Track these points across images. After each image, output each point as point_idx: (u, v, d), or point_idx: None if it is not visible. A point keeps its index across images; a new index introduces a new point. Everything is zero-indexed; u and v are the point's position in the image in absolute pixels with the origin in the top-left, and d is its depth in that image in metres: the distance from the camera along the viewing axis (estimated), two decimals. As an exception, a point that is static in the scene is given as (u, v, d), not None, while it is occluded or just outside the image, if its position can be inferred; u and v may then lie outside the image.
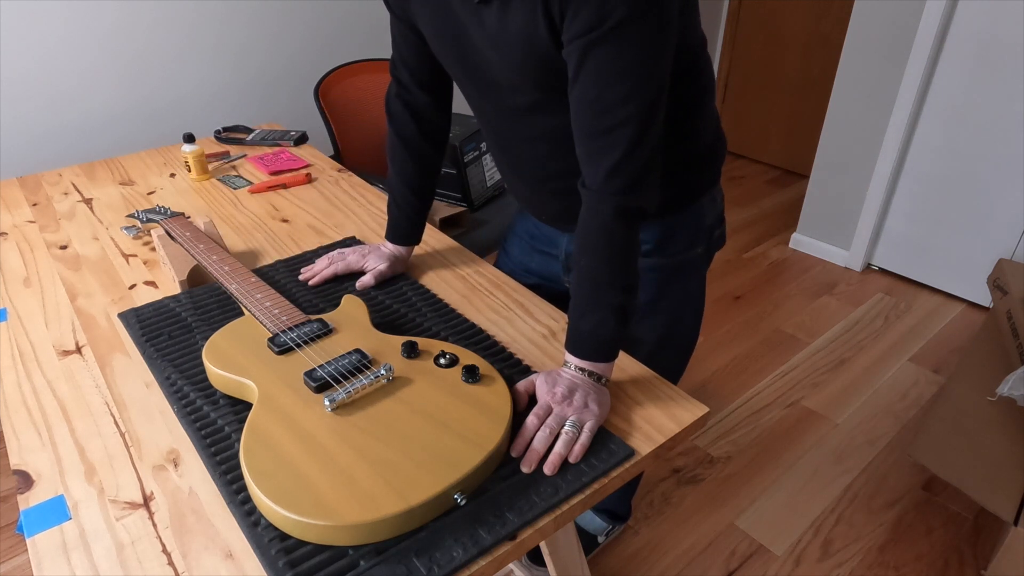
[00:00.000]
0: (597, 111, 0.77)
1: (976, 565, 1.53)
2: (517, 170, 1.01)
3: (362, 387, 0.77)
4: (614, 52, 0.74)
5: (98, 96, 1.94)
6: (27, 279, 1.14)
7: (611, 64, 0.74)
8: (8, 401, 0.87)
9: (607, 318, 0.82)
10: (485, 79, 0.90)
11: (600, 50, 0.74)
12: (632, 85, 0.75)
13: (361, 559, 0.63)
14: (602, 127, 0.78)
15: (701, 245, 1.06)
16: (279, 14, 2.17)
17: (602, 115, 0.77)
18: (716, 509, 1.66)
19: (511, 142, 0.97)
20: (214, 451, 0.76)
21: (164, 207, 1.29)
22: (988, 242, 2.35)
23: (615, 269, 0.82)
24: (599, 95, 0.76)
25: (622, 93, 0.75)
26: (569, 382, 0.81)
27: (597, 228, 0.82)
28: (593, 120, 0.78)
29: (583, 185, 0.83)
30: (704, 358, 2.20)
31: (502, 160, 1.03)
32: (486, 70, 0.88)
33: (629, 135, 0.77)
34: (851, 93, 2.47)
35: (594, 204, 0.81)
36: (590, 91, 0.77)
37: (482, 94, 0.93)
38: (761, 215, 3.14)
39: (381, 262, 1.10)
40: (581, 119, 0.80)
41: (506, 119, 0.94)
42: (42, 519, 0.70)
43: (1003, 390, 1.56)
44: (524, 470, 0.73)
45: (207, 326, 0.97)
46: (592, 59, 0.75)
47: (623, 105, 0.76)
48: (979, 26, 2.13)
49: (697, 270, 1.09)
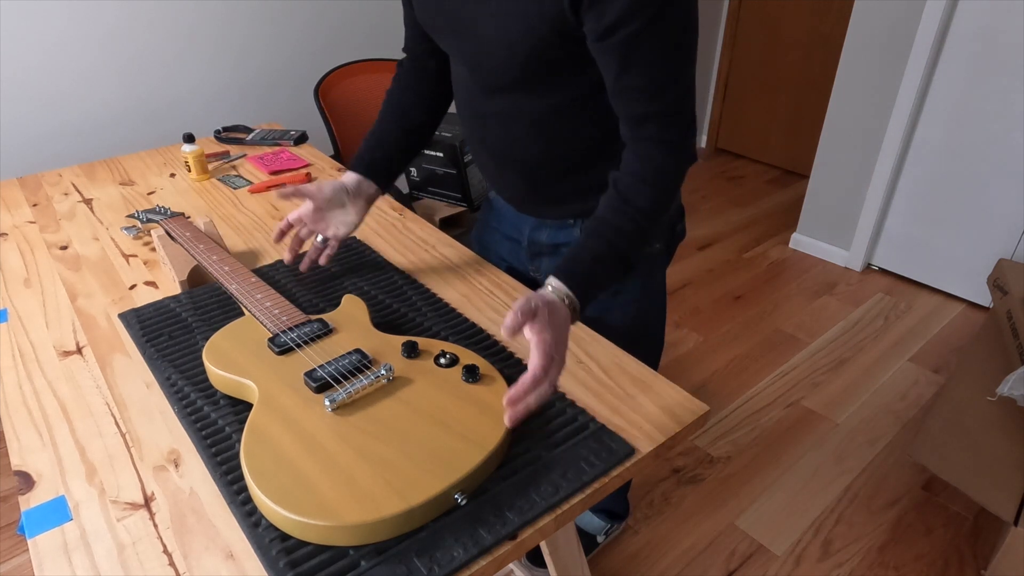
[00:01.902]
0: (646, 96, 0.81)
1: (976, 565, 1.53)
2: (487, 144, 1.01)
3: (362, 387, 0.77)
4: (658, 38, 0.77)
5: (98, 96, 1.94)
6: (27, 279, 1.14)
7: (658, 49, 0.78)
8: (9, 401, 0.87)
9: (619, 272, 0.83)
10: (472, 50, 0.90)
11: (639, 40, 0.76)
12: (675, 68, 0.80)
13: (362, 559, 0.63)
14: (652, 110, 0.82)
15: (660, 241, 1.08)
16: (279, 14, 2.17)
17: (651, 99, 0.81)
18: (716, 509, 1.66)
19: (486, 116, 0.97)
20: (215, 451, 0.76)
21: (164, 207, 1.29)
22: (988, 242, 2.35)
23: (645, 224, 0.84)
24: (647, 82, 0.80)
25: (667, 77, 0.80)
26: (566, 324, 0.77)
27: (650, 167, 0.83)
28: (643, 104, 0.82)
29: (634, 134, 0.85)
30: (704, 358, 2.20)
31: (473, 134, 1.02)
32: (477, 41, 0.88)
33: (679, 112, 0.83)
34: (851, 93, 2.47)
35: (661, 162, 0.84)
36: (635, 78, 0.80)
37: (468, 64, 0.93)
38: (761, 215, 3.14)
39: (342, 227, 1.04)
40: (629, 103, 0.83)
41: (485, 93, 0.94)
42: (43, 520, 0.70)
43: (1003, 390, 1.56)
44: (507, 422, 0.72)
45: (207, 326, 0.97)
46: (637, 49, 0.77)
47: (668, 88, 0.81)
48: (979, 26, 2.13)
49: (656, 266, 1.11)
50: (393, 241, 1.24)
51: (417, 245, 1.22)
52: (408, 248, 1.21)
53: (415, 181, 2.18)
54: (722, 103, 3.72)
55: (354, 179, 1.04)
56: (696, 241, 2.92)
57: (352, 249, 1.19)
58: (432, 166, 2.10)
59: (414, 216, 1.34)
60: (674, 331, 2.33)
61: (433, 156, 2.08)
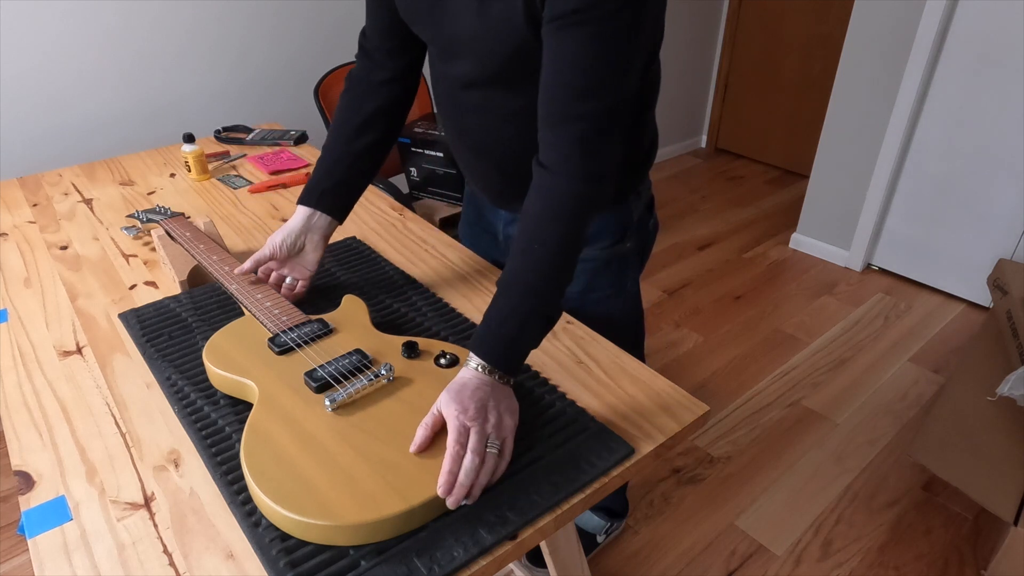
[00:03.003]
0: (571, 95, 0.75)
1: (976, 565, 1.53)
2: (463, 137, 1.01)
3: (362, 387, 0.77)
4: (598, 36, 0.73)
5: (98, 96, 1.94)
6: (27, 279, 1.14)
7: (593, 48, 0.73)
8: (9, 401, 0.87)
9: (535, 327, 0.76)
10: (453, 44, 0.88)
11: (583, 32, 0.73)
12: (612, 72, 0.74)
13: (362, 559, 0.63)
14: (574, 112, 0.76)
15: (630, 239, 1.08)
16: (279, 14, 2.17)
17: (577, 100, 0.75)
18: (716, 509, 1.66)
19: (461, 109, 0.97)
20: (215, 451, 0.76)
21: (164, 207, 1.29)
22: (988, 242, 2.35)
23: (567, 264, 0.77)
24: (575, 79, 0.75)
25: (601, 79, 0.74)
26: (477, 392, 0.72)
27: (559, 214, 0.76)
28: (566, 104, 0.76)
29: (541, 165, 0.79)
30: (704, 358, 2.20)
31: (453, 126, 1.01)
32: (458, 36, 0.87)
33: (602, 124, 0.76)
34: (851, 93, 2.48)
35: (559, 189, 0.77)
36: (564, 73, 0.75)
37: (445, 59, 0.92)
38: (761, 215, 3.14)
39: (305, 271, 1.01)
40: (552, 100, 0.77)
41: (463, 86, 0.93)
42: (43, 520, 0.70)
43: (1003, 390, 1.56)
44: (450, 505, 0.67)
45: (207, 326, 0.97)
46: (570, 39, 0.74)
47: (600, 91, 0.75)
48: (979, 26, 2.13)
49: (627, 263, 1.11)
50: (393, 241, 1.24)
51: (417, 245, 1.22)
52: (408, 248, 1.21)
53: (415, 181, 2.18)
54: (722, 103, 3.72)
55: (303, 217, 0.99)
56: (696, 241, 2.92)
57: (352, 249, 1.19)
58: (432, 166, 2.10)
59: (414, 216, 1.34)
60: (674, 331, 2.33)
61: (433, 156, 2.08)
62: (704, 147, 3.90)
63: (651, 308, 2.46)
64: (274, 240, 0.98)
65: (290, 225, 0.99)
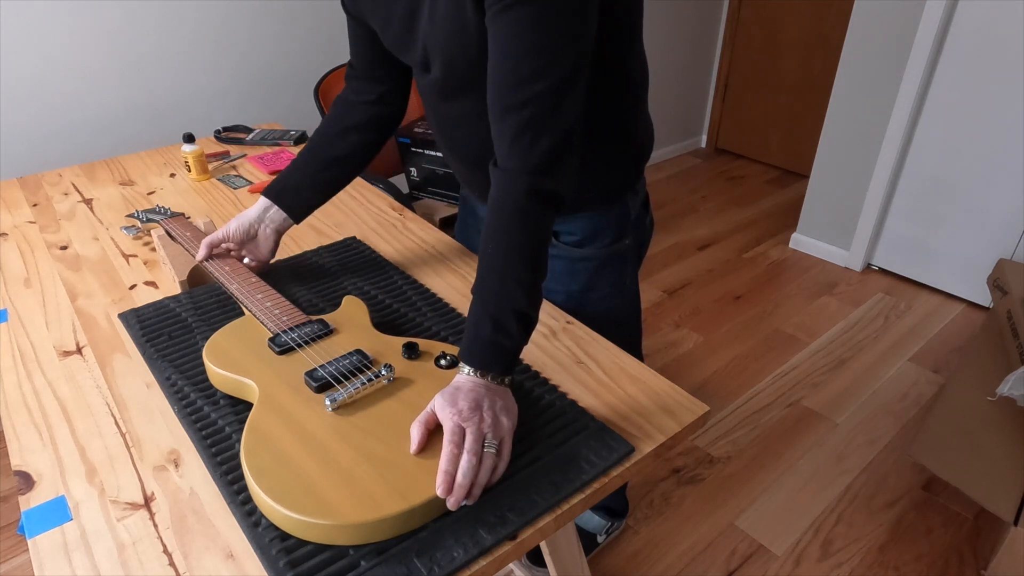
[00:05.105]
0: (511, 83, 0.74)
1: (976, 565, 1.53)
2: (453, 150, 1.02)
3: (363, 387, 0.77)
4: (528, 20, 0.72)
5: (98, 96, 1.94)
6: (27, 279, 1.14)
7: (525, 33, 0.72)
8: (9, 401, 0.87)
9: (509, 325, 0.74)
10: (424, 57, 0.89)
11: (513, 16, 0.72)
12: (548, 58, 0.73)
13: (362, 559, 0.63)
14: (515, 101, 0.74)
15: (628, 236, 1.09)
16: (279, 15, 2.17)
17: (516, 88, 0.74)
18: (716, 509, 1.66)
19: (445, 122, 0.97)
20: (215, 451, 0.76)
21: (164, 207, 1.29)
22: (988, 242, 2.35)
23: (525, 259, 0.75)
24: (514, 66, 0.73)
25: (537, 65, 0.72)
26: (470, 394, 0.72)
27: (509, 210, 0.75)
28: (507, 93, 0.74)
29: (495, 165, 0.78)
30: (704, 358, 2.20)
31: (440, 139, 1.03)
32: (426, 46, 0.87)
33: (544, 110, 0.74)
34: (851, 93, 2.48)
35: (506, 184, 0.76)
36: (503, 62, 0.74)
37: (421, 73, 0.93)
38: (761, 215, 3.14)
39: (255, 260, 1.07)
40: (495, 93, 0.76)
41: (441, 99, 0.94)
42: (43, 520, 0.70)
43: (1003, 390, 1.56)
44: (450, 506, 0.66)
45: (207, 326, 0.97)
46: (506, 26, 0.73)
47: (537, 78, 0.73)
48: (979, 26, 2.14)
49: (626, 261, 1.11)
50: (393, 241, 1.24)
51: (417, 245, 1.22)
52: (408, 248, 1.21)
53: (415, 181, 2.18)
54: (722, 103, 3.72)
55: (260, 208, 1.03)
56: (696, 241, 2.92)
57: (352, 249, 1.19)
58: (432, 166, 2.10)
59: (414, 216, 1.34)
60: (674, 331, 2.33)
61: (433, 156, 2.08)
62: (704, 147, 3.90)
63: (651, 308, 2.46)
64: (229, 226, 1.03)
65: (247, 213, 1.04)
